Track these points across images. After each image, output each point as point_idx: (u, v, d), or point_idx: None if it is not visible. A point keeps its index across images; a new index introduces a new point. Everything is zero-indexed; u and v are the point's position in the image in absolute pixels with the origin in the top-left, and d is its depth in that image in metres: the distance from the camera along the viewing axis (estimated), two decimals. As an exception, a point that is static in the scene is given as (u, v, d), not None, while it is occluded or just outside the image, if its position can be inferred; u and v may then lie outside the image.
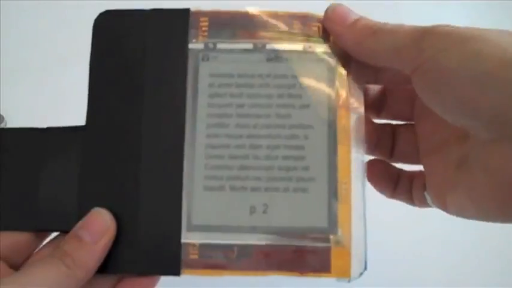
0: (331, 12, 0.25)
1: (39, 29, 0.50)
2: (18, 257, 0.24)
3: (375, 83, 0.28)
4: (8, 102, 0.47)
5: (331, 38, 0.25)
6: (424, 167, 0.26)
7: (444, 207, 0.24)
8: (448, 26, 0.21)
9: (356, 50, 0.24)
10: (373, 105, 0.28)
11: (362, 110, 0.25)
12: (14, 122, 0.47)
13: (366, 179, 0.25)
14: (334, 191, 0.23)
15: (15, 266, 0.24)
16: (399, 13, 0.53)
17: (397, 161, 0.29)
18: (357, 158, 0.24)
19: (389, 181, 0.28)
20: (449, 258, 0.45)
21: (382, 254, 0.29)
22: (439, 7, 0.54)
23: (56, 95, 0.48)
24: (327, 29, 0.25)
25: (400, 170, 0.28)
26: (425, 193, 0.26)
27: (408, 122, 0.28)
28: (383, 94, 0.28)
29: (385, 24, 0.23)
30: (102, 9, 0.26)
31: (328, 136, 0.24)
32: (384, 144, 0.28)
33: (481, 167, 0.21)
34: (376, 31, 0.23)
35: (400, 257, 0.44)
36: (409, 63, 0.22)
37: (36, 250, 0.25)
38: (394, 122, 0.29)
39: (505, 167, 0.19)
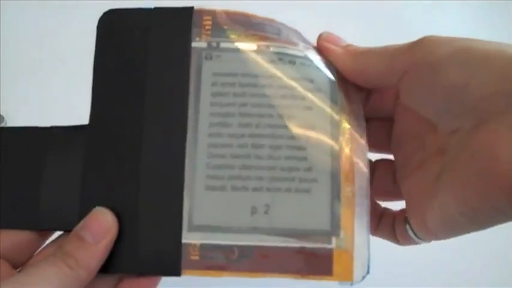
0: (325, 36, 0.26)
1: (39, 29, 0.50)
2: (20, 257, 0.24)
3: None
4: (8, 102, 0.47)
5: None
6: (403, 192, 0.26)
7: (425, 227, 0.23)
8: (437, 35, 0.22)
9: (349, 67, 0.25)
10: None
11: (362, 113, 0.25)
12: (14, 122, 0.47)
13: (369, 181, 0.25)
14: (337, 193, 0.23)
15: (17, 266, 0.24)
16: (399, 14, 0.53)
17: (375, 195, 0.28)
18: (359, 162, 0.24)
19: (373, 218, 0.27)
20: (449, 258, 0.45)
21: (382, 254, 0.29)
22: (439, 7, 0.54)
23: (56, 95, 0.48)
24: (321, 49, 0.26)
25: (384, 209, 0.28)
26: (407, 226, 0.26)
27: (383, 157, 0.28)
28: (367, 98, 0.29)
29: (375, 46, 0.25)
30: (103, 9, 0.26)
31: (331, 136, 0.24)
32: None
33: (462, 160, 0.21)
34: (368, 50, 0.25)
35: (400, 257, 0.44)
36: (399, 69, 0.23)
37: (39, 250, 0.25)
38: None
39: (486, 149, 0.19)
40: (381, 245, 0.28)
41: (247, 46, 0.25)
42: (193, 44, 0.25)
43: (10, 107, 0.47)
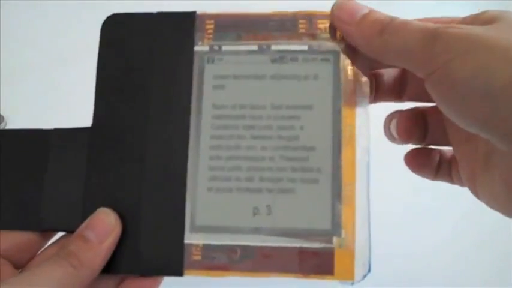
0: (337, 10, 0.24)
1: (40, 29, 0.51)
2: (22, 257, 0.24)
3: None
4: (8, 102, 0.47)
5: (338, 35, 0.25)
6: (455, 153, 0.26)
7: (476, 193, 0.24)
8: (457, 27, 0.20)
9: (365, 49, 0.23)
10: (393, 89, 0.28)
11: (368, 110, 0.25)
12: (14, 122, 0.47)
13: (369, 180, 0.25)
14: (338, 193, 0.23)
15: (19, 266, 0.24)
16: (399, 13, 0.53)
17: (430, 145, 0.28)
18: (361, 159, 0.24)
19: (431, 167, 0.28)
20: (449, 258, 0.45)
21: (382, 253, 0.29)
22: (439, 7, 0.54)
23: (56, 95, 0.48)
24: (334, 26, 0.24)
25: (441, 153, 0.28)
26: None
27: (434, 104, 0.27)
28: (402, 76, 0.28)
29: (392, 19, 0.22)
30: (103, 10, 0.26)
31: (332, 137, 0.24)
32: (419, 130, 0.27)
33: (500, 173, 0.21)
34: (384, 29, 0.22)
35: (400, 257, 0.44)
36: (421, 68, 0.21)
37: (41, 250, 0.25)
38: (421, 105, 0.28)
39: None
40: (380, 245, 0.28)
41: (248, 47, 0.25)
42: (196, 48, 0.25)
43: (10, 107, 0.47)
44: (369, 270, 0.23)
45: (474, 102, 0.19)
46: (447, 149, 0.28)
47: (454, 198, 0.43)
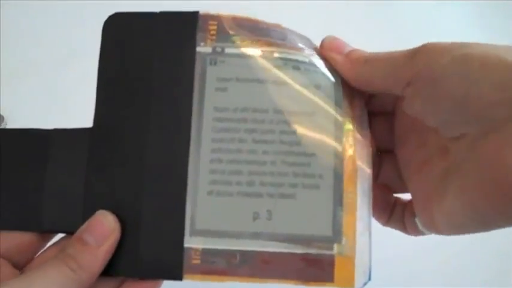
0: (328, 42, 0.26)
1: (40, 29, 0.50)
2: (22, 258, 0.24)
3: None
4: (8, 102, 0.46)
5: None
6: (409, 189, 0.26)
7: (433, 226, 0.24)
8: (436, 42, 0.22)
9: (352, 77, 0.25)
10: None
11: (366, 117, 0.25)
12: (14, 122, 0.47)
13: (371, 187, 0.25)
14: (339, 200, 0.23)
15: (19, 267, 0.24)
16: (399, 13, 0.53)
17: (383, 189, 0.29)
18: (362, 167, 0.24)
19: (386, 209, 0.28)
20: (449, 258, 0.45)
21: (382, 254, 0.29)
22: (440, 7, 0.54)
23: (57, 95, 0.48)
24: (324, 56, 0.26)
25: (396, 199, 0.29)
26: (416, 219, 0.26)
27: (389, 152, 0.28)
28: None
29: (376, 53, 0.24)
30: (104, 10, 0.26)
31: (334, 142, 0.24)
32: None
33: (470, 166, 0.21)
34: (370, 59, 0.24)
35: (400, 257, 0.44)
36: (402, 80, 0.23)
37: (41, 251, 0.25)
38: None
39: (495, 157, 0.19)
40: (380, 245, 0.28)
41: (251, 51, 0.25)
42: (198, 49, 0.25)
43: (10, 107, 0.47)
44: (369, 278, 0.23)
45: (453, 86, 0.20)
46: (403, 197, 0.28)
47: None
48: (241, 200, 0.23)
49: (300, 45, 0.25)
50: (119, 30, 0.25)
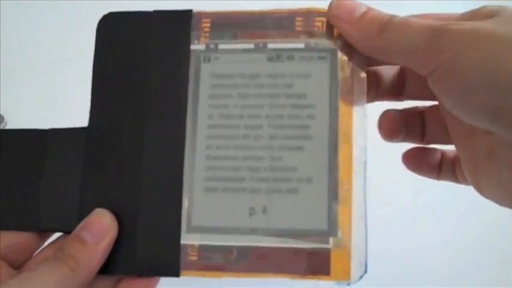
0: (334, 8, 0.23)
1: (40, 29, 0.51)
2: (19, 257, 0.24)
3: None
4: (8, 102, 0.47)
5: (335, 32, 0.24)
6: (457, 150, 0.25)
7: (480, 190, 0.23)
8: (460, 24, 0.20)
9: (364, 48, 0.23)
10: (391, 88, 0.27)
11: (365, 108, 0.25)
12: (14, 122, 0.47)
13: (366, 179, 0.25)
14: (334, 193, 0.23)
15: (16, 266, 0.24)
16: (399, 13, 0.53)
17: (429, 144, 0.28)
18: (358, 159, 0.24)
19: (432, 167, 0.28)
20: (449, 258, 0.44)
21: (381, 253, 0.29)
22: (439, 7, 0.54)
23: (56, 95, 0.48)
24: (332, 24, 0.24)
25: (443, 153, 0.28)
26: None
27: (433, 103, 0.27)
28: (401, 75, 0.27)
29: (392, 17, 0.22)
30: (102, 10, 0.26)
31: (329, 136, 0.24)
32: (414, 130, 0.27)
33: (507, 166, 0.21)
34: (385, 27, 0.22)
35: (399, 257, 0.44)
36: (424, 66, 0.21)
37: (38, 251, 0.25)
38: (420, 104, 0.28)
39: None
40: (380, 245, 0.28)
41: (244, 46, 0.25)
42: (192, 47, 0.25)
43: (10, 107, 0.47)
44: (366, 271, 0.23)
45: (482, 93, 0.19)
46: (450, 148, 0.27)
47: (453, 198, 0.43)
48: (237, 195, 0.24)
49: (298, 27, 0.25)
50: (113, 30, 0.25)
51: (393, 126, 0.27)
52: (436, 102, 0.27)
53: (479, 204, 0.24)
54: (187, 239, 0.23)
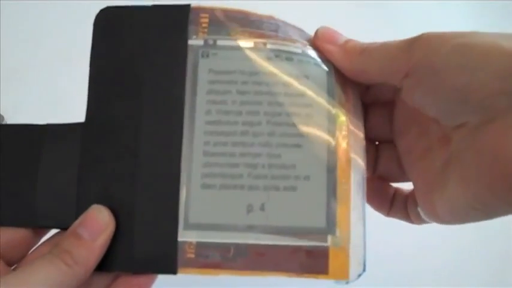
0: (321, 33, 0.25)
1: (40, 29, 0.51)
2: (14, 254, 0.24)
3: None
4: (8, 102, 0.47)
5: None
6: (410, 179, 0.26)
7: (436, 214, 0.24)
8: (434, 32, 0.22)
9: (347, 68, 0.25)
10: None
11: (360, 108, 0.25)
12: (14, 121, 0.47)
13: (365, 178, 0.25)
14: (333, 191, 0.23)
15: (12, 263, 0.24)
16: (399, 13, 0.53)
17: (381, 180, 0.29)
18: (356, 158, 0.24)
19: (385, 200, 0.28)
20: (449, 258, 0.44)
21: (382, 253, 0.29)
22: (440, 7, 0.54)
23: (56, 95, 0.48)
24: (318, 47, 0.25)
25: (396, 189, 0.28)
26: (418, 208, 0.26)
27: (387, 142, 0.28)
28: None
29: (372, 43, 0.24)
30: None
31: (327, 134, 0.24)
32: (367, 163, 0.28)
33: (471, 155, 0.21)
34: (366, 49, 0.24)
35: (399, 257, 0.44)
36: (399, 71, 0.22)
37: (34, 247, 0.25)
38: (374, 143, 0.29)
39: (495, 147, 0.19)
40: (380, 245, 0.28)
41: (244, 43, 0.25)
42: (190, 42, 0.25)
43: (10, 106, 0.47)
44: (364, 269, 0.23)
45: (452, 76, 0.20)
46: (403, 187, 0.28)
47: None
48: (234, 193, 0.23)
49: (293, 36, 0.25)
50: (110, 24, 0.25)
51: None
52: (389, 141, 0.28)
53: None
54: (185, 236, 0.23)
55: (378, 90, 0.27)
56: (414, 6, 0.54)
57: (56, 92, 0.48)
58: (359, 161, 0.24)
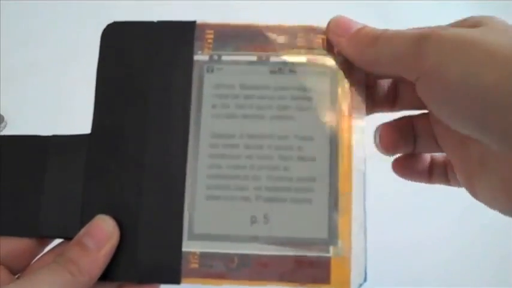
0: (333, 25, 0.25)
1: (40, 29, 0.50)
2: (19, 263, 0.24)
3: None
4: (8, 102, 0.47)
5: (335, 50, 0.25)
6: (449, 158, 0.26)
7: (474, 194, 0.24)
8: (445, 28, 0.21)
9: (359, 61, 0.24)
10: (386, 99, 0.28)
11: (364, 121, 0.25)
12: (14, 122, 0.47)
13: (365, 189, 0.25)
14: (335, 202, 0.24)
15: (16, 272, 0.24)
16: (399, 13, 0.53)
17: (420, 153, 0.28)
18: (358, 169, 0.24)
19: (422, 172, 0.28)
20: (449, 258, 0.45)
21: (380, 253, 0.29)
22: (440, 6, 0.54)
23: (57, 96, 0.48)
24: (330, 41, 0.25)
25: (432, 157, 0.28)
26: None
27: (424, 112, 0.27)
28: (394, 86, 0.28)
29: (385, 30, 0.23)
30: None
31: (329, 147, 0.24)
32: (407, 141, 0.28)
33: (496, 175, 0.21)
34: (376, 40, 0.23)
35: (399, 257, 0.44)
36: (411, 72, 0.22)
37: (38, 257, 0.25)
38: (411, 115, 0.28)
39: None
40: (379, 246, 0.28)
41: (248, 57, 0.25)
42: (196, 57, 0.25)
43: (10, 107, 0.47)
44: (365, 279, 0.23)
45: (465, 102, 0.19)
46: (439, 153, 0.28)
47: (453, 197, 0.43)
48: (238, 204, 0.24)
49: (299, 42, 0.25)
50: (117, 39, 0.25)
51: (392, 141, 0.28)
52: (426, 111, 0.27)
53: (479, 204, 0.24)
54: (189, 246, 0.23)
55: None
56: (414, 6, 0.54)
57: (56, 92, 0.48)
58: (360, 172, 0.24)
